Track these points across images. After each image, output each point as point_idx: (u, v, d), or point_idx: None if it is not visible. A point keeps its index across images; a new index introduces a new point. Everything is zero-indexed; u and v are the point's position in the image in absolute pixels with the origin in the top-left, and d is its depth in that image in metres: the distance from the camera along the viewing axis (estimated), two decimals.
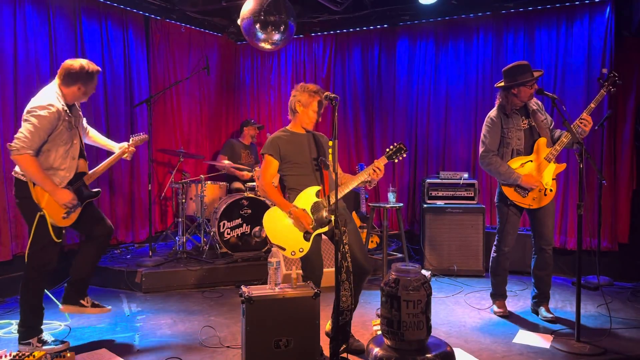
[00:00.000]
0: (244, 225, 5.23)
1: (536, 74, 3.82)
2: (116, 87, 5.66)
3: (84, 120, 3.61)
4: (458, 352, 3.24)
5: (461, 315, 4.08)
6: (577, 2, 5.34)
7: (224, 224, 5.15)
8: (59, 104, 3.21)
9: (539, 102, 4.05)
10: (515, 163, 3.89)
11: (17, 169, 3.28)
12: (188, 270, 4.86)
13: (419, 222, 5.87)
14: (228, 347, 3.40)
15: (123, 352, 3.32)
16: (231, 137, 6.90)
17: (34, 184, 3.20)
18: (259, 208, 5.27)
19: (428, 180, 5.53)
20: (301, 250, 3.22)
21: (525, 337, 3.57)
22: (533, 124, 3.92)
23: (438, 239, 5.32)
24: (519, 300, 4.43)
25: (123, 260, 5.21)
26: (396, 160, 3.32)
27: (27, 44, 4.75)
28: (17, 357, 2.93)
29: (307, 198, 3.27)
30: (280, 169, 3.37)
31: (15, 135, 3.13)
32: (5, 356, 2.95)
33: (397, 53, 6.32)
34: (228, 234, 5.17)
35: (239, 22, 4.92)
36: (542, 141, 3.87)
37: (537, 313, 4.04)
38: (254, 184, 5.50)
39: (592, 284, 4.78)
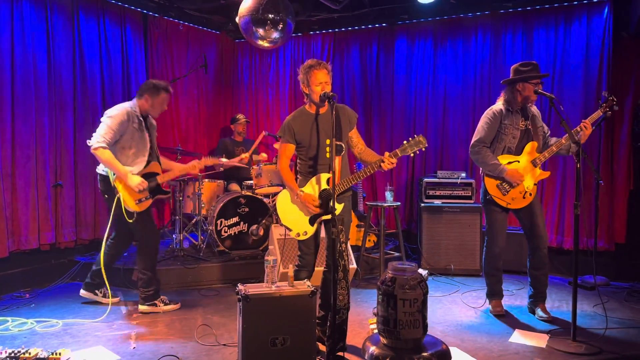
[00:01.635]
0: (242, 223, 5.23)
1: (543, 74, 3.88)
2: (114, 84, 5.65)
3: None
4: (454, 351, 3.25)
5: (458, 314, 4.09)
6: (575, 2, 5.34)
7: (221, 222, 5.15)
8: (130, 109, 3.88)
9: (539, 111, 4.10)
10: (502, 160, 3.94)
11: (100, 166, 3.93)
12: (185, 268, 4.86)
13: (417, 221, 5.87)
14: (224, 345, 3.40)
15: (120, 350, 3.31)
16: (223, 135, 6.88)
17: (114, 176, 3.83)
18: (256, 206, 5.27)
19: (426, 180, 5.53)
20: (305, 233, 3.30)
21: (521, 337, 3.58)
22: (530, 127, 3.97)
23: (435, 238, 5.33)
24: (515, 300, 4.44)
25: (120, 257, 5.19)
26: (412, 155, 3.29)
27: (24, 40, 4.74)
28: (13, 354, 2.93)
29: (316, 184, 3.30)
30: (297, 151, 3.39)
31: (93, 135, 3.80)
32: (1, 353, 2.95)
33: (396, 52, 6.32)
34: (225, 232, 5.17)
35: (237, 20, 4.91)
36: (533, 145, 3.95)
37: (533, 312, 4.05)
38: (252, 182, 5.49)
39: (588, 283, 4.79)
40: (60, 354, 3.02)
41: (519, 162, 3.94)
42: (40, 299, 4.43)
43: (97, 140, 3.75)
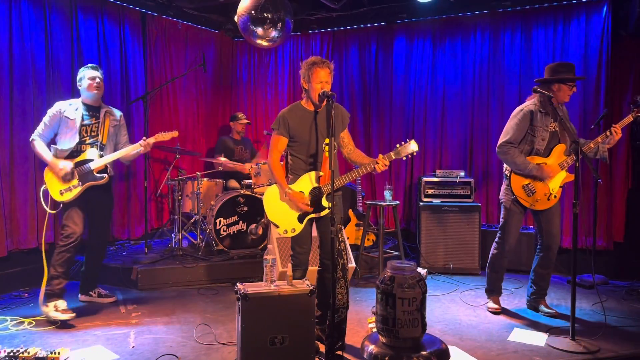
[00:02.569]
0: (240, 222, 5.23)
1: (579, 76, 3.88)
2: (112, 83, 5.65)
3: (123, 136, 4.29)
4: (453, 350, 3.25)
5: (456, 313, 4.09)
6: (574, 1, 5.35)
7: (220, 221, 5.15)
8: (65, 102, 4.08)
9: (566, 111, 4.04)
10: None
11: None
12: (184, 267, 4.86)
13: (415, 220, 5.87)
14: (223, 344, 3.40)
15: (118, 349, 3.31)
16: (221, 134, 6.87)
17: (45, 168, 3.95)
18: (255, 205, 5.26)
19: (424, 179, 5.53)
20: (293, 230, 3.30)
21: (520, 335, 3.58)
22: (558, 129, 3.90)
23: (434, 237, 5.33)
24: (514, 298, 4.44)
25: (119, 257, 5.20)
26: (404, 158, 3.29)
27: (22, 40, 4.73)
28: (12, 354, 2.93)
29: (307, 182, 3.30)
30: (288, 146, 3.37)
31: None
32: (0, 353, 2.94)
33: (395, 51, 6.32)
34: (224, 231, 5.17)
35: (236, 19, 4.90)
36: (561, 147, 3.90)
37: (534, 310, 4.07)
38: (251, 181, 5.49)
39: (587, 282, 4.80)
40: (59, 353, 3.01)
41: (546, 164, 3.89)
42: (39, 299, 4.42)
43: (33, 134, 4.01)
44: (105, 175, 4.06)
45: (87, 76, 4.07)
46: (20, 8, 4.71)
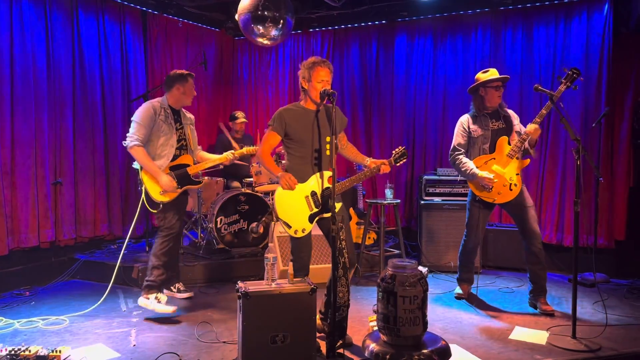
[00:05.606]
0: (241, 221, 5.22)
1: (501, 77, 4.08)
2: (113, 81, 5.64)
3: (195, 137, 4.32)
4: (454, 348, 3.25)
5: (457, 311, 4.09)
6: None
7: (221, 219, 5.15)
8: (156, 103, 3.98)
9: (516, 115, 4.24)
10: (479, 161, 4.10)
11: (135, 162, 3.97)
12: (185, 265, 4.85)
13: (416, 219, 5.86)
14: (224, 342, 3.40)
15: (120, 348, 3.31)
16: (221, 131, 6.84)
17: (141, 168, 3.91)
18: (256, 204, 5.26)
19: (425, 177, 5.53)
20: (304, 230, 3.30)
21: (521, 334, 3.58)
22: (503, 126, 4.11)
23: (435, 236, 5.33)
24: (515, 297, 4.44)
25: (119, 255, 5.19)
26: (397, 165, 3.43)
27: (23, 38, 4.73)
28: (13, 352, 2.93)
29: (319, 182, 3.30)
30: (284, 145, 3.37)
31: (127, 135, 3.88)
32: (1, 351, 2.95)
33: (395, 49, 6.31)
34: (225, 229, 5.17)
35: (236, 17, 4.89)
36: (503, 139, 4.08)
37: (535, 307, 4.09)
38: (252, 179, 5.49)
39: (588, 280, 4.79)
40: (60, 351, 3.02)
41: (494, 159, 4.07)
42: (40, 297, 4.43)
43: (131, 139, 3.85)
44: (202, 179, 4.20)
45: (191, 80, 4.08)
46: (21, 7, 4.70)
